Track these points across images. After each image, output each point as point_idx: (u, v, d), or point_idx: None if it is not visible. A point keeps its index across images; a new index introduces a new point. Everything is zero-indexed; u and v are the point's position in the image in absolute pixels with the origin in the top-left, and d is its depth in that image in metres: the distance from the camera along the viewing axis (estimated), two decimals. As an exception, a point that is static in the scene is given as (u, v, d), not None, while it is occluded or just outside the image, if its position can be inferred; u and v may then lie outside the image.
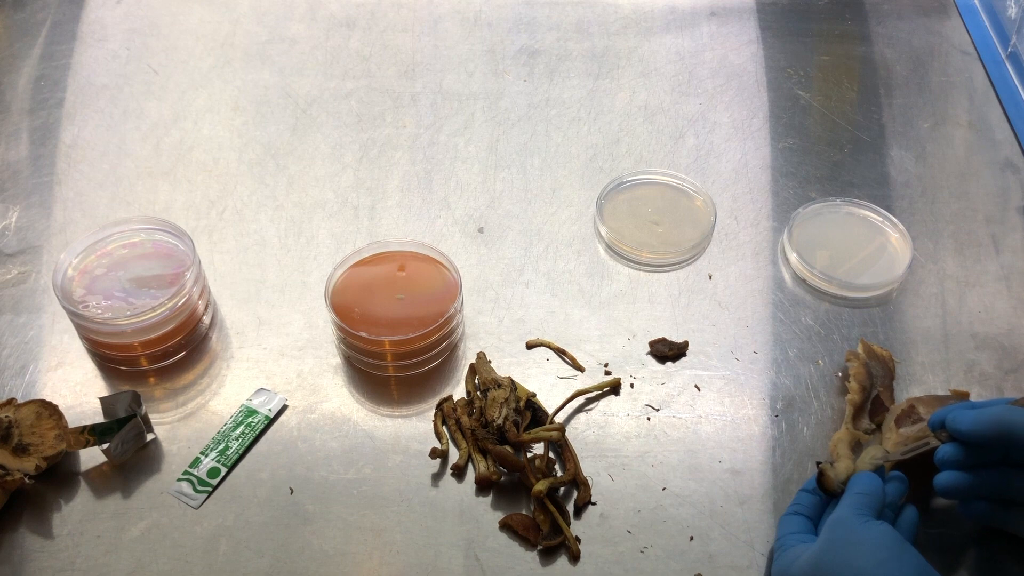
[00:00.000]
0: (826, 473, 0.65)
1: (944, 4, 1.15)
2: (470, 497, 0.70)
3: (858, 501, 0.61)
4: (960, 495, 0.65)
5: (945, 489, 0.64)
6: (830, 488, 0.65)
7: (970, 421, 0.62)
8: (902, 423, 0.71)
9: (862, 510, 0.60)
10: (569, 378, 0.78)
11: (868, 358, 0.76)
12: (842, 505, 0.62)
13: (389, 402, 0.77)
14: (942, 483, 0.64)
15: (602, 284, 0.85)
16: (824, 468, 0.65)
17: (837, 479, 0.65)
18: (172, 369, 0.79)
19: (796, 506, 0.65)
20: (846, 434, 0.70)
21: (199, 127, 1.00)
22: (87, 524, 0.69)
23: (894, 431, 0.70)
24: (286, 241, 0.89)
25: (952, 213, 0.91)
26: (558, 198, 0.93)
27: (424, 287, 0.79)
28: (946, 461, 0.64)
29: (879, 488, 0.63)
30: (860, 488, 0.62)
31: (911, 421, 0.71)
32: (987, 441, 0.62)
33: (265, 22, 1.12)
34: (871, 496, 0.62)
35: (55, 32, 1.11)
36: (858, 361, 0.75)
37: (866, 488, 0.62)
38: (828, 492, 0.65)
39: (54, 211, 0.91)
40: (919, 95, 1.03)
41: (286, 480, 0.71)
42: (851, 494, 0.62)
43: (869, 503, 0.61)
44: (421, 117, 1.01)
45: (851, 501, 0.61)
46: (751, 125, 1.00)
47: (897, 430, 0.70)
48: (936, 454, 0.65)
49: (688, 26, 1.12)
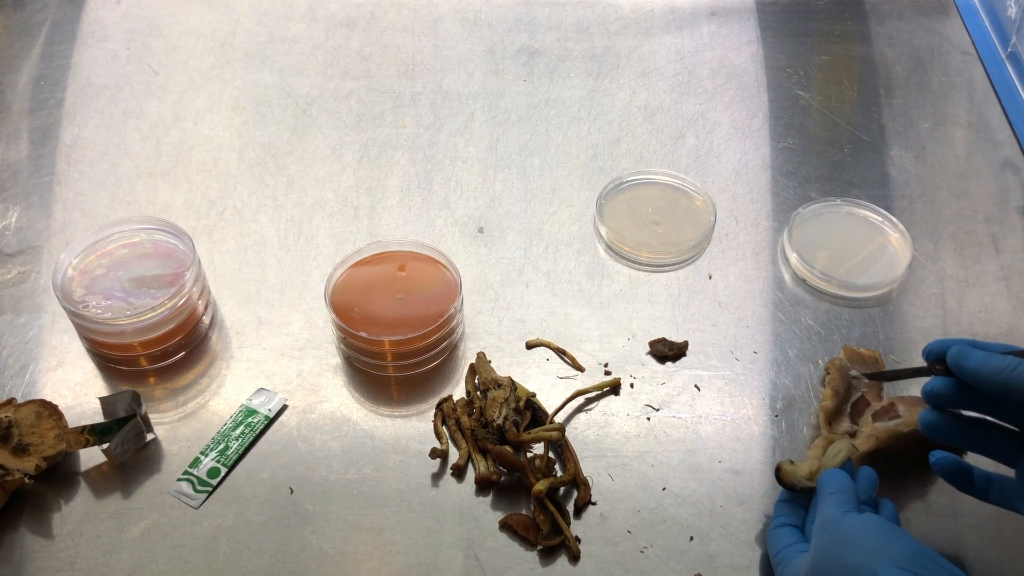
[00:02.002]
0: (783, 468, 0.66)
1: (944, 4, 1.15)
2: (470, 497, 0.70)
3: (835, 499, 0.61)
4: (941, 435, 0.63)
5: (928, 426, 0.63)
6: (788, 481, 0.65)
7: (978, 361, 0.59)
8: (879, 418, 0.71)
9: (843, 506, 0.60)
10: (569, 378, 0.78)
11: (852, 362, 0.76)
12: (822, 508, 0.61)
13: (389, 402, 0.77)
14: (927, 420, 0.63)
15: (602, 284, 0.85)
16: (782, 463, 0.66)
17: (795, 475, 0.65)
18: (172, 369, 0.79)
19: (780, 518, 0.65)
20: (821, 440, 0.70)
21: (199, 127, 1.00)
22: (87, 524, 0.69)
23: (869, 425, 0.71)
24: (286, 241, 0.89)
25: (952, 213, 0.91)
26: (558, 198, 0.93)
27: (424, 287, 0.79)
28: (936, 395, 0.62)
29: (849, 481, 0.62)
30: (832, 487, 0.62)
31: (888, 417, 0.71)
32: (988, 387, 0.59)
33: (265, 22, 1.12)
34: (846, 491, 0.61)
35: (55, 32, 1.11)
36: (835, 369, 0.75)
37: (838, 485, 0.62)
38: (787, 486, 0.65)
39: (54, 211, 0.91)
40: (919, 95, 1.03)
41: (286, 480, 0.71)
42: (826, 495, 0.62)
43: (846, 498, 0.61)
44: (421, 117, 1.01)
45: (829, 501, 0.61)
46: (751, 125, 1.00)
47: (872, 424, 0.70)
48: (928, 385, 0.63)
49: (688, 26, 1.12)
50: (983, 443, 0.63)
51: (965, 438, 0.63)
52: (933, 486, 0.71)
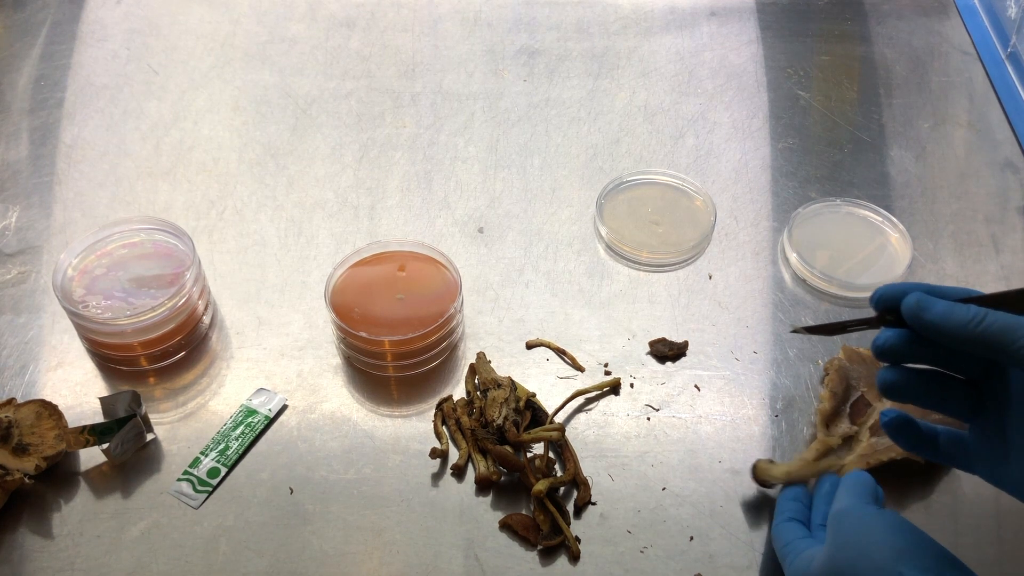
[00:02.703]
0: (758, 465, 0.69)
1: (944, 4, 1.15)
2: (470, 497, 0.70)
3: (856, 490, 0.59)
4: (901, 395, 0.56)
5: (888, 386, 0.56)
6: (761, 479, 0.68)
7: (940, 313, 0.52)
8: (877, 432, 0.70)
9: (864, 498, 0.58)
10: (569, 378, 0.78)
11: (850, 362, 0.76)
12: (840, 497, 0.59)
13: (389, 402, 0.77)
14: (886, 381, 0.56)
15: (602, 284, 0.85)
16: (759, 461, 0.69)
17: (768, 472, 0.68)
18: (172, 369, 0.79)
19: (786, 513, 0.64)
20: (817, 443, 0.70)
21: (199, 127, 1.00)
22: (87, 524, 0.69)
23: (866, 439, 0.70)
24: (286, 241, 0.89)
25: (952, 213, 0.91)
26: (558, 198, 0.93)
27: (424, 287, 0.79)
28: (890, 350, 0.55)
29: (869, 476, 0.61)
30: (851, 478, 0.60)
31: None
32: (952, 340, 0.52)
33: (265, 22, 1.12)
34: (866, 484, 0.60)
35: (55, 32, 1.11)
36: (833, 370, 0.75)
37: (860, 478, 0.60)
38: (761, 483, 0.69)
39: (54, 211, 0.91)
40: (919, 95, 1.03)
41: (286, 480, 0.71)
42: (845, 485, 0.60)
43: (867, 491, 0.59)
44: (421, 117, 1.01)
45: (849, 491, 0.59)
46: (751, 125, 1.00)
47: (869, 439, 0.70)
48: (879, 339, 0.55)
49: (688, 26, 1.12)
50: (941, 399, 0.57)
51: (923, 395, 0.56)
52: (934, 486, 0.71)
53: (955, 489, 0.70)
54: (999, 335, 0.50)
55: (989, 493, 0.70)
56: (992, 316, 0.51)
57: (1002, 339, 0.50)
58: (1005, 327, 0.50)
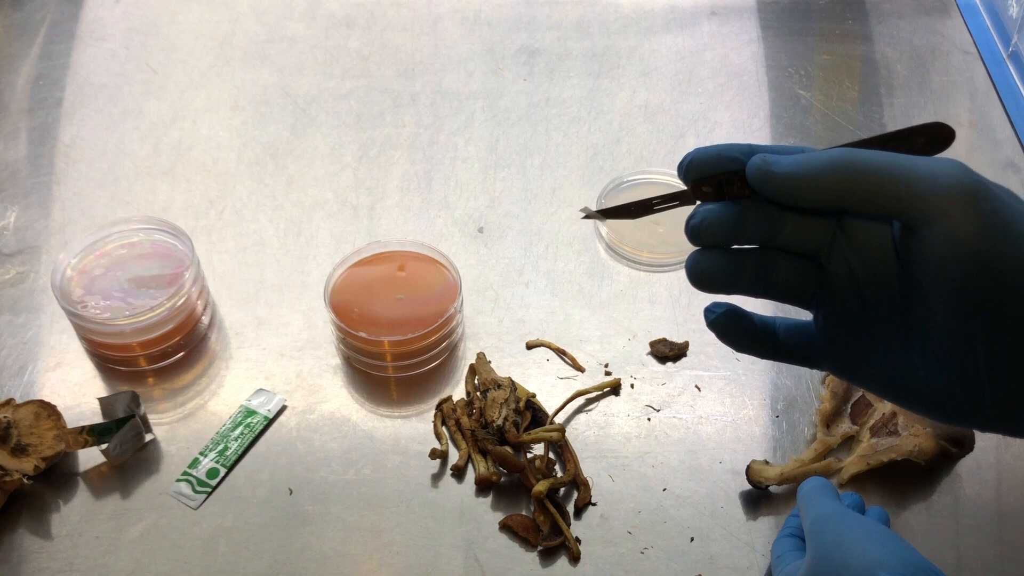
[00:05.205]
0: (752, 466, 0.70)
1: (945, 3, 1.15)
2: (470, 498, 0.70)
3: (820, 492, 0.58)
4: (721, 283, 0.45)
5: (702, 275, 0.44)
6: (754, 480, 0.69)
7: (794, 164, 0.39)
8: (877, 433, 0.70)
9: (831, 499, 0.57)
10: (569, 378, 0.78)
11: None
12: (814, 503, 0.58)
13: (389, 402, 0.77)
14: (701, 268, 0.44)
15: (602, 284, 0.85)
16: (753, 462, 0.70)
17: (762, 474, 0.69)
18: (171, 369, 0.79)
19: (789, 528, 0.63)
20: (817, 444, 0.70)
21: (198, 127, 1.00)
22: (86, 525, 0.68)
23: (866, 440, 0.70)
24: (285, 241, 0.88)
25: (953, 213, 0.91)
26: (558, 198, 0.92)
27: (424, 287, 0.79)
28: (711, 229, 0.42)
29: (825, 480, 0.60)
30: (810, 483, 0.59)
31: (886, 432, 0.70)
32: (813, 196, 0.39)
33: (264, 21, 1.12)
34: (824, 485, 0.59)
35: (54, 31, 1.11)
36: None
37: (816, 481, 0.59)
38: (754, 485, 0.70)
39: (53, 211, 0.91)
40: (920, 94, 1.03)
41: (285, 481, 0.71)
42: (808, 491, 0.59)
43: (829, 490, 0.58)
44: (421, 117, 1.01)
45: (817, 497, 0.58)
46: (752, 124, 1.00)
47: (869, 439, 0.70)
48: (696, 217, 0.42)
49: (688, 25, 1.12)
50: (771, 284, 0.45)
51: (749, 280, 0.45)
52: (935, 487, 0.71)
53: (956, 490, 0.70)
54: (875, 173, 0.38)
55: (990, 494, 0.70)
56: (862, 153, 0.38)
57: (880, 179, 0.38)
58: (884, 162, 0.38)
